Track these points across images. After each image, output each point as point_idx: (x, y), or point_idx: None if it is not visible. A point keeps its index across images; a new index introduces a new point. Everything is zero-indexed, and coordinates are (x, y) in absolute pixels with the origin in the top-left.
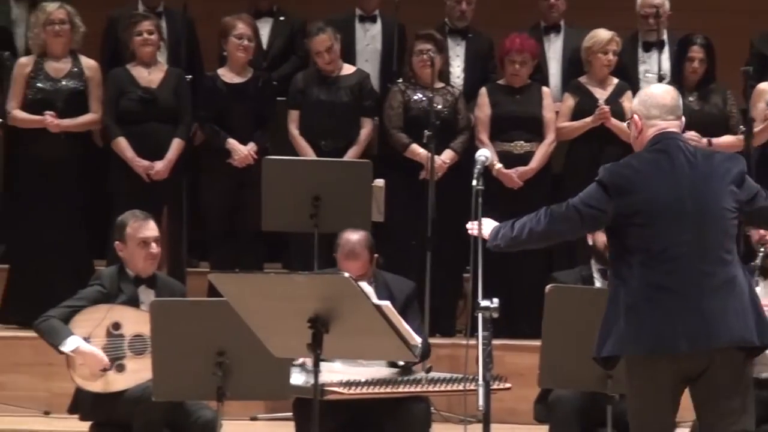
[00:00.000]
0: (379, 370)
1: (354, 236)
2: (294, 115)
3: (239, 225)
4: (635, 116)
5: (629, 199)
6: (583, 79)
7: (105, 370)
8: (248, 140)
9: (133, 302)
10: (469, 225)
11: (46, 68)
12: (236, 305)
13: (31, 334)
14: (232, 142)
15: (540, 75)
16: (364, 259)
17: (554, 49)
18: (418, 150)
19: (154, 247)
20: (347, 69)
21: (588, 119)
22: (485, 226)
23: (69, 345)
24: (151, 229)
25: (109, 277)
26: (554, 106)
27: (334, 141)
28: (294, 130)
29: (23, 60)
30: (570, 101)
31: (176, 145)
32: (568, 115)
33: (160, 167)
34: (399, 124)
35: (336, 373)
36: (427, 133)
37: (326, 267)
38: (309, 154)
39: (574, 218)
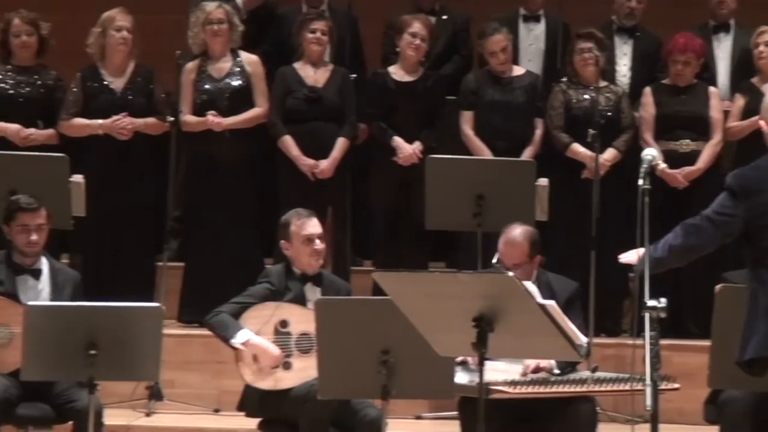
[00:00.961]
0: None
1: (518, 227)
2: (467, 116)
3: (404, 224)
4: (761, 121)
5: (758, 199)
6: (754, 80)
7: (276, 366)
8: (415, 139)
9: (300, 300)
10: (621, 257)
11: (209, 70)
12: (401, 304)
13: (202, 332)
14: (398, 140)
15: (708, 74)
16: (522, 249)
17: (723, 49)
18: (579, 149)
19: (319, 244)
20: (518, 70)
21: (755, 118)
22: (630, 254)
23: (240, 338)
24: (314, 225)
25: (277, 274)
26: (722, 105)
27: (509, 142)
28: (468, 130)
29: (189, 65)
30: (740, 101)
31: (341, 144)
32: (738, 116)
33: (325, 166)
34: (560, 124)
35: (500, 371)
36: (591, 132)
37: (489, 266)
38: (485, 153)
39: (708, 228)
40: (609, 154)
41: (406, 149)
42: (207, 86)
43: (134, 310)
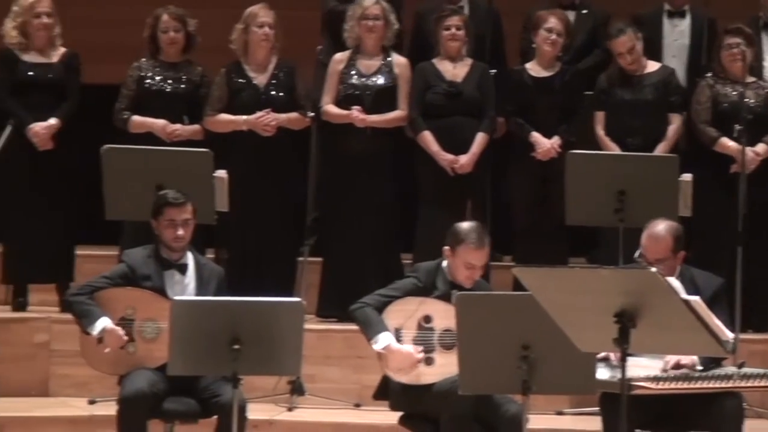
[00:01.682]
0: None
1: (662, 222)
2: (600, 117)
3: (543, 219)
4: None
5: None
6: None
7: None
8: (553, 134)
9: (446, 300)
10: None
11: (358, 65)
12: (541, 299)
13: (343, 327)
14: (536, 136)
15: None
16: (666, 244)
17: None
18: (727, 143)
19: (478, 273)
20: (651, 66)
21: None
22: None
23: (381, 342)
24: (480, 258)
25: (427, 271)
26: None
27: (641, 139)
28: (600, 130)
29: (338, 56)
30: None
31: (480, 139)
32: None
33: (464, 161)
34: (707, 119)
35: (642, 367)
36: (737, 127)
37: (631, 262)
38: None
39: None
40: (759, 148)
41: (545, 144)
42: (353, 81)
43: (276, 305)
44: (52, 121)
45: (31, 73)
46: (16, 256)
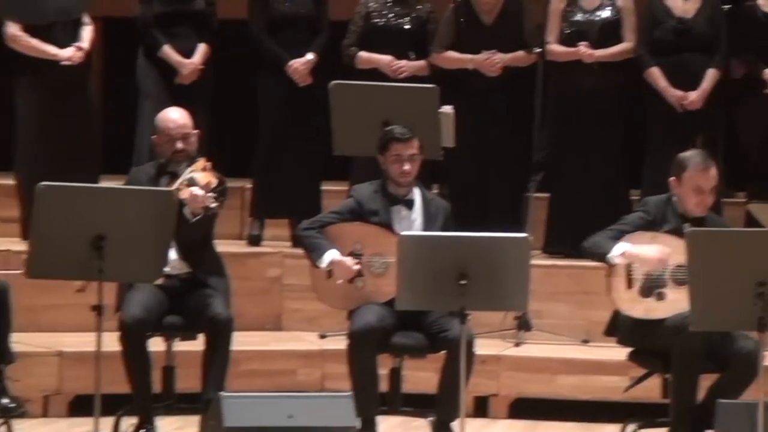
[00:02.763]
0: None
1: None
2: None
3: None
4: None
5: None
6: None
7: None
8: None
9: (678, 234)
10: None
11: (579, 1)
12: None
13: (569, 263)
14: None
15: None
16: None
17: None
18: None
19: (707, 197)
20: None
21: None
22: None
23: (616, 251)
24: (709, 179)
25: (655, 204)
26: None
27: None
28: None
29: None
30: None
31: (711, 75)
32: None
33: (694, 97)
34: None
35: None
36: None
37: None
38: None
39: None
40: None
41: None
42: (577, 18)
43: (503, 240)
44: (310, 56)
45: (284, 10)
46: (269, 190)
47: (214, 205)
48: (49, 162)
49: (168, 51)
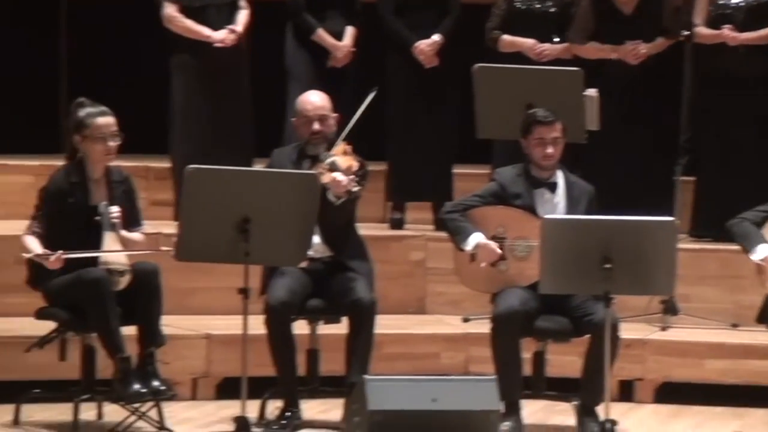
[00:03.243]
0: None
1: None
2: None
3: None
4: None
5: None
6: None
7: None
8: None
9: None
10: None
11: None
12: None
13: (717, 246)
14: None
15: None
16: None
17: None
18: None
19: None
20: None
21: None
22: None
23: (759, 253)
24: None
25: None
26: None
27: None
28: None
29: None
30: None
31: None
32: None
33: None
34: None
35: None
36: None
37: None
38: None
39: None
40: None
41: None
42: (722, 1)
43: (648, 224)
44: (436, 37)
45: None
46: (402, 174)
47: (356, 189)
48: (203, 144)
49: (322, 34)
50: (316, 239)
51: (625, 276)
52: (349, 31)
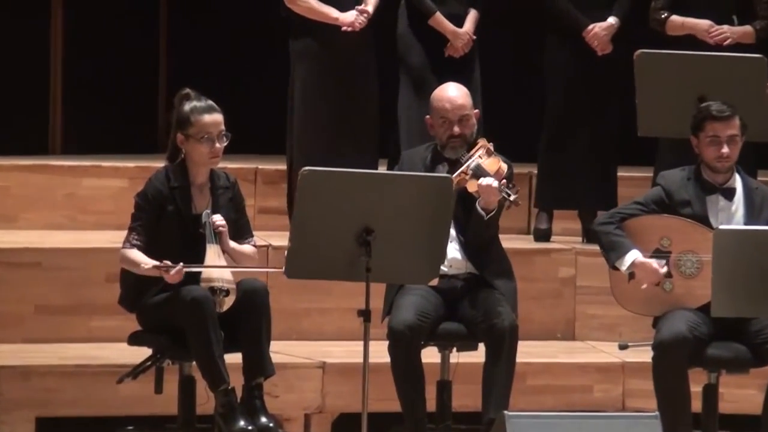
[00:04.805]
0: None
1: None
2: None
3: None
4: None
5: None
6: None
7: None
8: None
9: None
10: None
11: None
12: None
13: None
14: None
15: None
16: None
17: None
18: None
19: None
20: None
21: None
22: None
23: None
24: None
25: None
26: None
27: None
28: None
29: None
30: None
31: None
32: None
33: None
34: None
35: None
36: None
37: None
38: None
39: None
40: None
41: None
42: None
43: None
44: (612, 20)
45: None
46: (556, 177)
47: (514, 197)
48: (327, 143)
49: (440, 18)
50: (456, 254)
51: None
52: (472, 16)
